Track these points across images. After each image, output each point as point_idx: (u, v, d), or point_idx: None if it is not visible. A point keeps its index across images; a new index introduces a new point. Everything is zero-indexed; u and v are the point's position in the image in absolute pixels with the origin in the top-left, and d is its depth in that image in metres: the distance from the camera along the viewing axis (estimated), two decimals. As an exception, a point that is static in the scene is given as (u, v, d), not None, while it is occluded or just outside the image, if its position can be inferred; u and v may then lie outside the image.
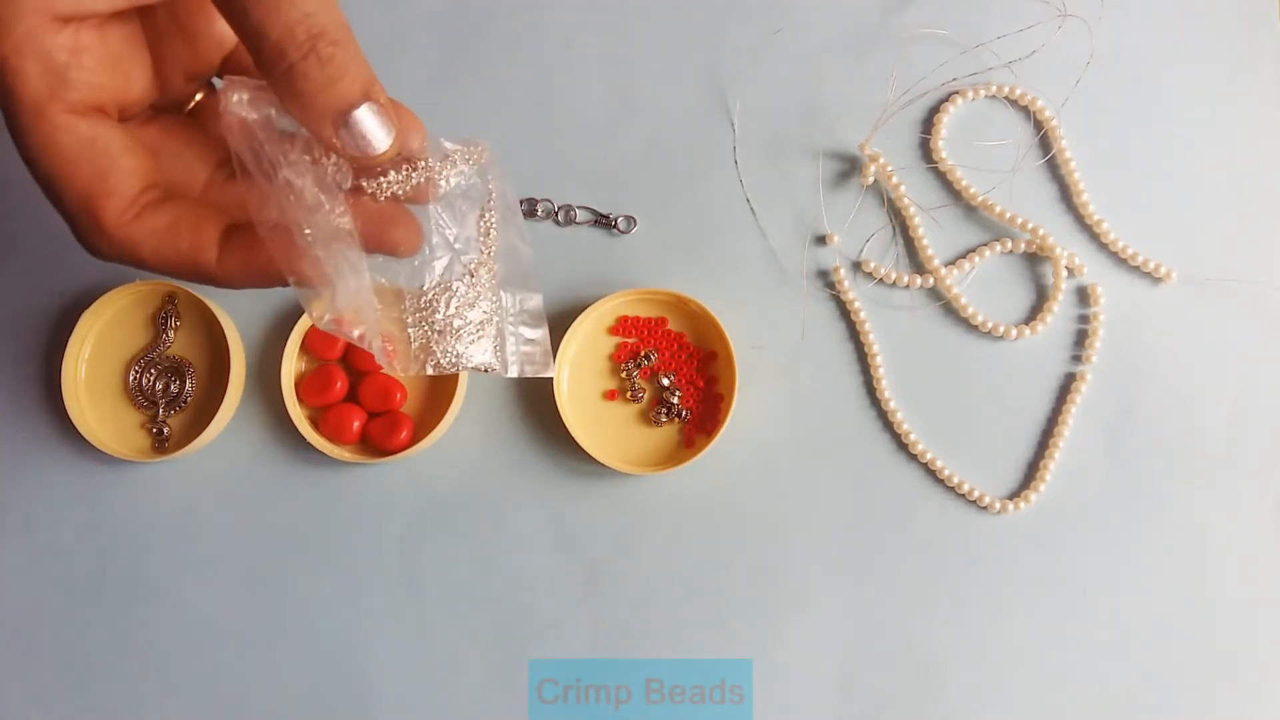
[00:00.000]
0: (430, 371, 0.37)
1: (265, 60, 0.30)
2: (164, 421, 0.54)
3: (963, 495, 0.53)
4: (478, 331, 0.37)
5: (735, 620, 0.53)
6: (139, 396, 0.54)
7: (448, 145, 0.36)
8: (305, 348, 0.54)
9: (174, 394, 0.54)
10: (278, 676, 0.54)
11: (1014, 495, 0.53)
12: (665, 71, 0.56)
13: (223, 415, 0.53)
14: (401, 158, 0.34)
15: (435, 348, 0.37)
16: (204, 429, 0.53)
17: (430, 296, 0.37)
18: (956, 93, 0.55)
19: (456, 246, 0.37)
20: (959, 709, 0.52)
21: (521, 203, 0.55)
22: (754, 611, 0.53)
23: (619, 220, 0.55)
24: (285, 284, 0.34)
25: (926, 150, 0.55)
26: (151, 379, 0.54)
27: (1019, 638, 0.52)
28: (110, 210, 0.33)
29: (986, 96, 0.55)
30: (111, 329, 0.55)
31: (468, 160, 0.36)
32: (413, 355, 0.37)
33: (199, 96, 0.38)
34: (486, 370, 0.38)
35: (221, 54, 0.36)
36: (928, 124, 0.55)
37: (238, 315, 0.55)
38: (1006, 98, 0.55)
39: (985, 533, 0.53)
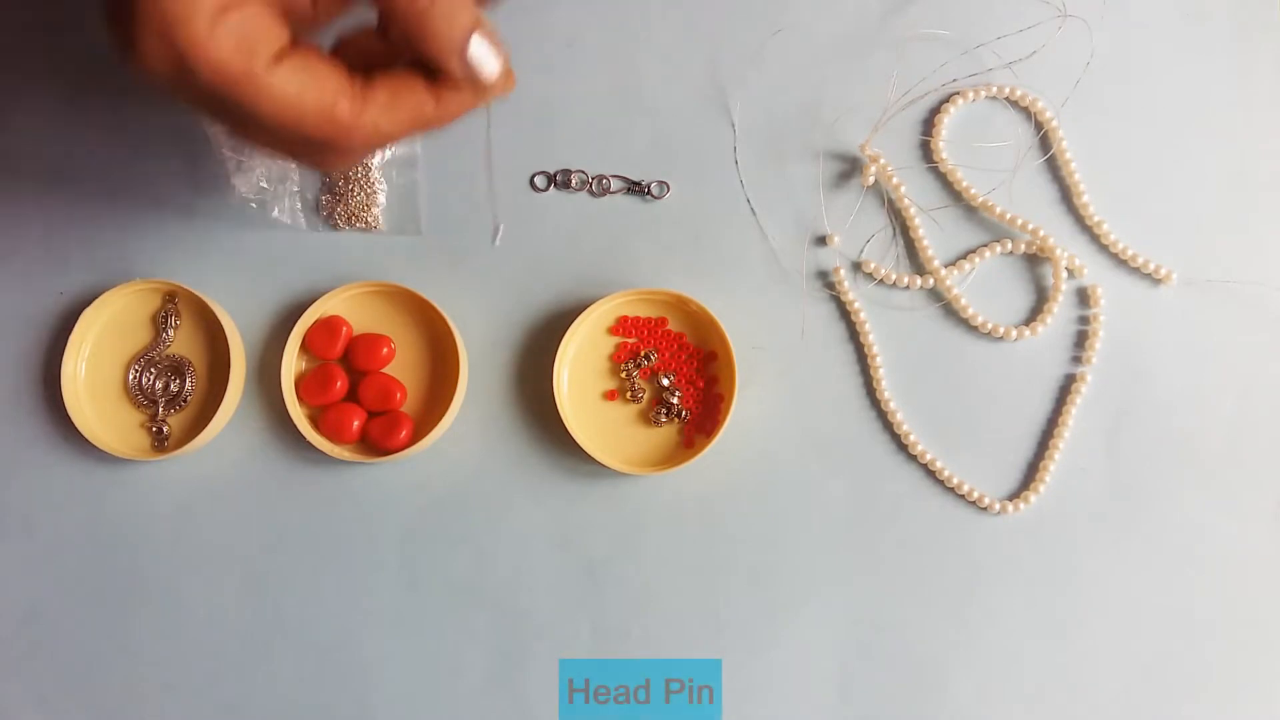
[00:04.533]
0: None
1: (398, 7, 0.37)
2: (164, 420, 0.54)
3: (962, 496, 0.53)
4: None
5: (735, 620, 0.53)
6: (139, 395, 0.54)
7: None
8: (305, 347, 0.54)
9: (174, 393, 0.54)
10: (277, 676, 0.54)
11: (1014, 496, 0.53)
12: (665, 71, 0.56)
13: (223, 414, 0.53)
14: None
15: None
16: (204, 428, 0.53)
17: None
18: (957, 93, 0.55)
19: None
20: (959, 709, 0.52)
21: (522, 202, 0.56)
22: (754, 611, 0.53)
23: (652, 186, 0.55)
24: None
25: (927, 151, 0.55)
26: (151, 378, 0.54)
27: (1019, 638, 0.52)
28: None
29: (987, 97, 0.55)
30: (111, 328, 0.55)
31: None
32: None
33: None
34: None
35: None
36: (928, 125, 0.55)
37: (238, 314, 0.55)
38: (1007, 98, 0.55)
39: (985, 534, 0.53)
